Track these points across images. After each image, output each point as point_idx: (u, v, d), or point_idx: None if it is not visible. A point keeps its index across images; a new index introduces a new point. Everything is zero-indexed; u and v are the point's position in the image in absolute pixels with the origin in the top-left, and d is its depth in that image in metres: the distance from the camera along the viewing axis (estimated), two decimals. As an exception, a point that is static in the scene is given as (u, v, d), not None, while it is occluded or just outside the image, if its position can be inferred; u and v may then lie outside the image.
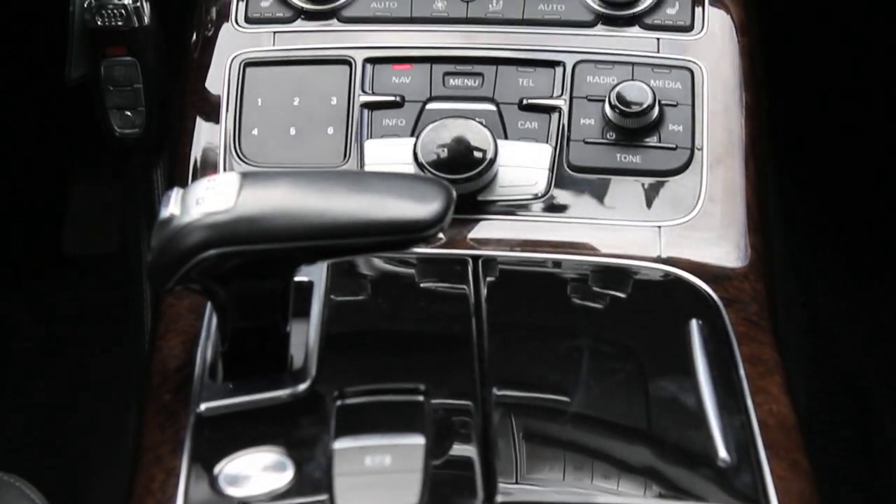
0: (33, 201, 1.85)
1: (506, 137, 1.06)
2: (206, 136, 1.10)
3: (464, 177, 1.00)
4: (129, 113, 1.24)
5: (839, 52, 1.86)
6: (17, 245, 1.88)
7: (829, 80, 1.87)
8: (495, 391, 0.89)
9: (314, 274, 0.94)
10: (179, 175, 1.11)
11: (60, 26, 1.23)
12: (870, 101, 1.84)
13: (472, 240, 1.02)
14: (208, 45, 1.15)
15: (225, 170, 1.06)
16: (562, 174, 1.05)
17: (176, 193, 0.80)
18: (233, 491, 0.79)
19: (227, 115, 1.10)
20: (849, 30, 1.78)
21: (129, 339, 1.30)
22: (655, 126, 1.06)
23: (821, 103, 1.82)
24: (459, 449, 0.85)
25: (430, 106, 1.08)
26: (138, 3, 1.19)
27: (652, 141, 1.06)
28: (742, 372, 0.92)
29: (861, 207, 1.87)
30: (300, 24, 1.14)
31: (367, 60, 1.10)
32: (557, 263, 1.03)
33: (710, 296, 0.98)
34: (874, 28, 1.79)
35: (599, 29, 1.13)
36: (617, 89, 1.05)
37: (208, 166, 1.08)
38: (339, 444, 0.80)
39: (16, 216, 1.89)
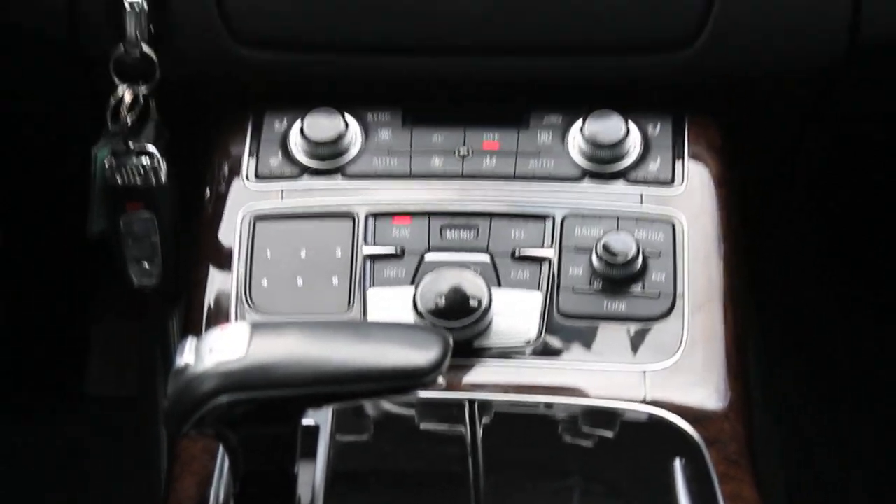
0: (58, 342, 1.84)
1: (499, 286, 1.06)
2: (219, 286, 1.11)
3: (460, 324, 1.00)
4: (146, 264, 1.25)
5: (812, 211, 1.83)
6: (40, 383, 1.86)
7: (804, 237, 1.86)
8: None
9: (320, 417, 0.94)
10: (194, 323, 1.11)
11: (83, 184, 1.25)
12: (833, 254, 1.82)
13: (468, 384, 1.02)
14: (221, 200, 1.17)
15: (236, 318, 1.07)
16: (552, 321, 1.06)
17: (190, 343, 0.79)
18: None
19: (238, 267, 1.10)
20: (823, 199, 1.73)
21: (146, 481, 1.27)
22: (640, 275, 1.07)
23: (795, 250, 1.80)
24: None
25: (428, 257, 1.09)
26: (155, 162, 1.21)
27: (637, 289, 1.07)
28: None
29: (835, 351, 1.85)
30: (306, 181, 1.15)
31: (370, 214, 1.12)
32: (549, 405, 1.02)
33: (692, 436, 0.98)
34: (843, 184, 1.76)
35: (586, 184, 1.14)
36: (603, 241, 1.06)
37: (221, 315, 1.09)
38: None
39: (40, 355, 1.86)
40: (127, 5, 1.15)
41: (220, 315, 1.09)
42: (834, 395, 1.79)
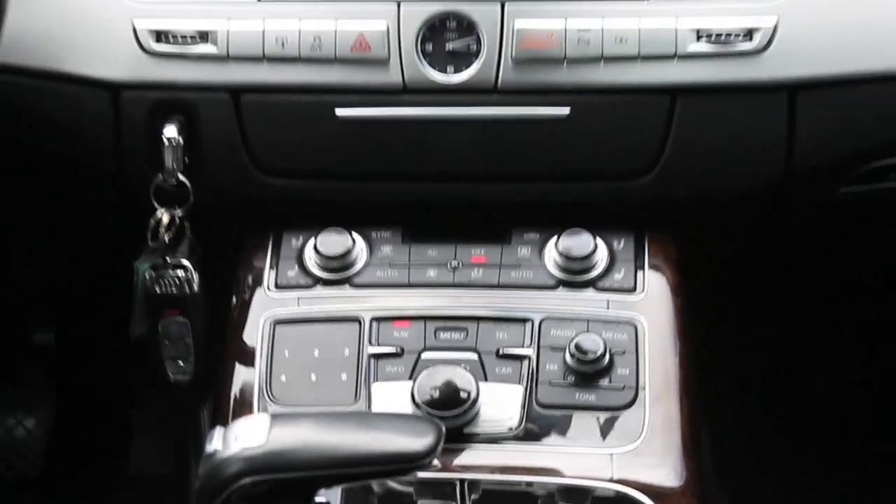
0: (104, 428, 1.85)
1: (486, 380, 1.08)
2: (244, 381, 1.13)
3: (452, 414, 1.02)
4: (181, 362, 1.27)
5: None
6: (88, 463, 1.84)
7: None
8: None
9: (332, 495, 0.97)
10: (221, 413, 1.12)
11: (128, 292, 1.26)
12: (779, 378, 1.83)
13: (459, 465, 1.03)
14: (245, 306, 1.19)
15: (258, 410, 1.09)
16: (532, 410, 1.08)
17: (218, 431, 0.84)
18: None
19: (260, 364, 1.13)
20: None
21: None
22: (607, 370, 1.09)
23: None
24: None
25: (424, 356, 1.11)
26: (189, 275, 1.23)
27: (604, 382, 1.09)
28: None
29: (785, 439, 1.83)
30: (319, 290, 1.18)
31: (374, 319, 1.14)
32: (529, 484, 1.04)
33: None
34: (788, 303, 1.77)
35: (560, 292, 1.17)
36: (575, 341, 1.09)
37: (245, 406, 1.10)
38: None
39: (89, 439, 1.84)
40: (165, 140, 1.17)
41: (244, 406, 1.10)
42: (777, 466, 1.74)
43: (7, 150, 1.23)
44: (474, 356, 1.11)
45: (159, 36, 1.18)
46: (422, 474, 0.98)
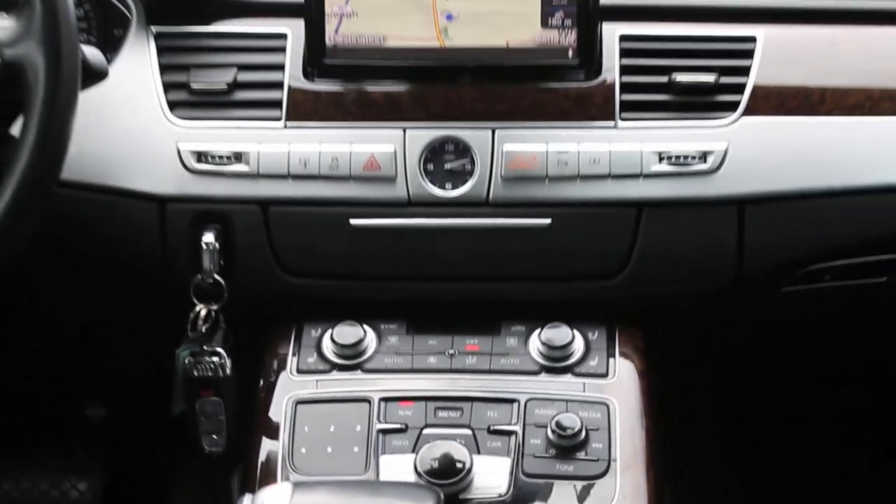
0: (147, 492, 1.84)
1: (479, 453, 1.09)
2: (269, 452, 1.13)
3: (449, 482, 1.04)
4: (214, 436, 1.28)
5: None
6: None
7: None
8: None
9: None
10: (250, 480, 1.13)
11: (169, 376, 1.27)
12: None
13: None
14: (271, 388, 1.20)
15: (282, 478, 1.09)
16: (518, 479, 1.09)
17: (247, 497, 0.88)
18: None
19: (283, 438, 1.13)
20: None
21: None
22: (583, 444, 1.10)
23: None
24: None
25: (425, 431, 1.12)
26: (222, 360, 1.25)
27: (581, 455, 1.10)
28: None
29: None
30: (335, 374, 1.20)
31: (382, 399, 1.15)
32: None
33: None
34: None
35: (542, 377, 1.19)
36: (556, 419, 1.11)
37: (270, 475, 1.11)
38: None
39: (133, 502, 1.85)
40: (203, 246, 1.20)
41: (269, 475, 1.11)
42: None
43: (68, 255, 1.24)
44: (468, 432, 1.12)
45: (199, 156, 1.21)
46: None
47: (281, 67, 1.26)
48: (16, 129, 1.05)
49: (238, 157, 1.21)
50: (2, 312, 1.40)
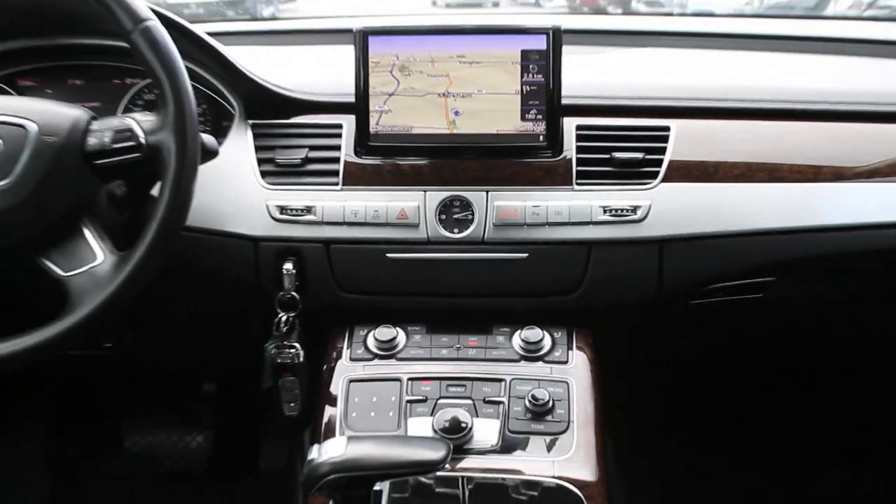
0: (245, 443, 1.86)
1: (477, 416, 1.10)
2: (330, 416, 1.13)
3: (456, 437, 1.06)
4: (292, 405, 1.28)
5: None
6: (234, 464, 1.83)
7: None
8: None
9: (383, 485, 1.02)
10: (317, 436, 1.12)
11: (261, 363, 1.26)
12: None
13: (460, 468, 1.05)
14: (331, 371, 1.19)
15: (339, 434, 1.09)
16: (505, 435, 1.09)
17: (315, 447, 0.88)
18: None
19: (340, 406, 1.13)
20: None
21: None
22: (550, 410, 1.11)
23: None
24: None
25: (440, 402, 1.13)
26: (297, 352, 1.25)
27: (549, 418, 1.11)
28: None
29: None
30: (376, 362, 1.20)
31: (409, 379, 1.15)
32: (504, 479, 1.04)
33: (577, 494, 1.02)
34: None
35: (522, 363, 1.19)
36: (531, 392, 1.12)
37: (330, 431, 1.11)
38: None
39: (236, 450, 1.85)
40: (284, 272, 1.20)
41: (330, 431, 1.11)
42: (660, 470, 1.68)
43: (191, 278, 1.24)
44: (470, 402, 1.12)
45: (281, 210, 1.20)
46: (438, 473, 1.01)
47: (339, 148, 1.25)
48: (155, 191, 1.04)
49: (308, 210, 1.21)
50: (144, 319, 1.37)
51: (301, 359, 1.25)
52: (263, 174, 1.24)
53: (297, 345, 1.25)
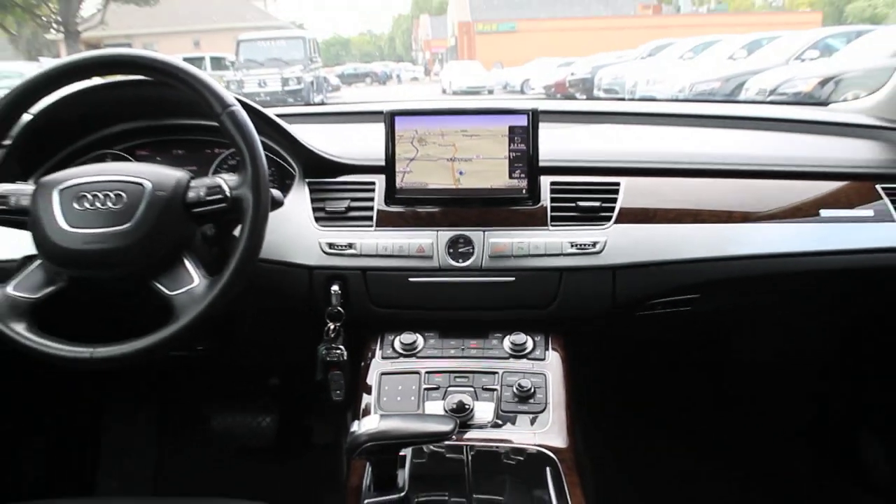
0: (302, 422, 1.84)
1: (477, 400, 1.10)
2: (367, 401, 1.13)
3: (462, 415, 1.06)
4: (339, 392, 1.26)
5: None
6: (294, 439, 1.79)
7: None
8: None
9: (407, 451, 1.00)
10: (356, 415, 1.12)
11: (313, 361, 1.22)
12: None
13: (464, 439, 1.05)
14: (367, 367, 1.18)
15: (374, 413, 1.08)
16: (499, 414, 1.09)
17: (356, 422, 0.88)
18: None
19: (374, 393, 1.13)
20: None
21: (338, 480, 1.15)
22: (532, 395, 1.10)
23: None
24: None
25: (449, 389, 1.12)
26: (342, 353, 1.24)
27: (531, 401, 1.10)
28: (564, 488, 0.96)
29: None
30: (401, 360, 1.19)
31: (426, 373, 1.14)
32: (498, 447, 1.04)
33: (553, 458, 1.02)
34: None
35: (510, 360, 1.18)
36: (518, 382, 1.10)
37: (367, 411, 1.11)
38: None
39: (295, 428, 1.81)
40: (332, 292, 1.19)
41: (367, 412, 1.11)
42: (619, 443, 1.62)
43: (261, 297, 1.21)
44: (472, 390, 1.12)
45: (330, 245, 1.20)
46: (448, 442, 1.01)
47: (373, 199, 1.25)
48: (236, 232, 1.05)
49: (350, 245, 1.21)
50: (223, 331, 1.35)
51: (345, 357, 1.24)
52: (317, 219, 1.24)
53: (341, 347, 1.24)
